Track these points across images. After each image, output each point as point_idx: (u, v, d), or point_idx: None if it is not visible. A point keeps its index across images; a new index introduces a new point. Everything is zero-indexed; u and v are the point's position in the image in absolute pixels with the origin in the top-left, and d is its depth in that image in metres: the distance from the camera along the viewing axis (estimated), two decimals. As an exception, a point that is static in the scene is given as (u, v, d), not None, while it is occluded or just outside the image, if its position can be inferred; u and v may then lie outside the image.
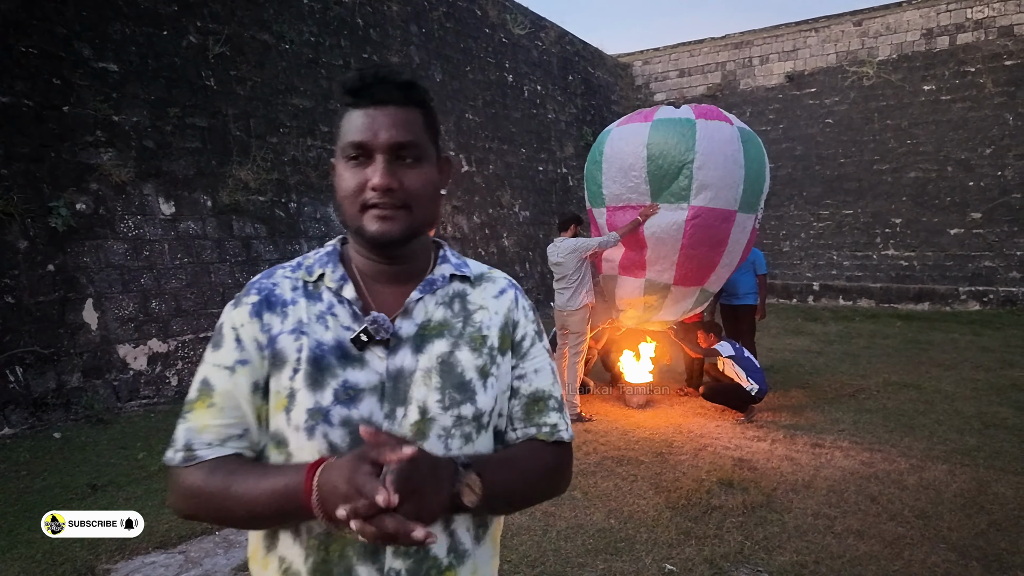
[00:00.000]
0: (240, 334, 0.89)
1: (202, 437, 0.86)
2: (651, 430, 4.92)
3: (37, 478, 3.85)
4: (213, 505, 0.84)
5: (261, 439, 0.90)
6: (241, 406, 0.88)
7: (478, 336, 0.93)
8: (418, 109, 0.91)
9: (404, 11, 9.74)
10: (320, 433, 0.84)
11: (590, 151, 5.49)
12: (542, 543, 3.11)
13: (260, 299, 0.91)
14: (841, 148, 13.45)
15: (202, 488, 0.84)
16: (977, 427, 4.85)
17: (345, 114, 0.90)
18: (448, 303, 0.95)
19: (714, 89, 15.17)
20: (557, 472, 0.98)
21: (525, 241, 11.44)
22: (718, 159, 4.73)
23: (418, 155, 0.89)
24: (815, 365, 7.21)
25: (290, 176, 7.41)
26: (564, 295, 5.17)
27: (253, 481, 0.82)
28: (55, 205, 5.15)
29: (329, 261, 0.95)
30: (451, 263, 0.99)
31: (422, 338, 0.91)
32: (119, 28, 5.98)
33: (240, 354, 0.89)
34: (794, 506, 3.51)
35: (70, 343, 5.10)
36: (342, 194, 0.89)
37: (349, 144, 0.87)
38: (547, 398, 0.98)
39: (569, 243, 5.14)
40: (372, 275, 0.95)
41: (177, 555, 3.00)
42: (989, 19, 12.30)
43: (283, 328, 0.89)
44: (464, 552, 0.89)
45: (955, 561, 2.92)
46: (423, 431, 0.87)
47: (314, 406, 0.85)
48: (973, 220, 11.71)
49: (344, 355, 0.87)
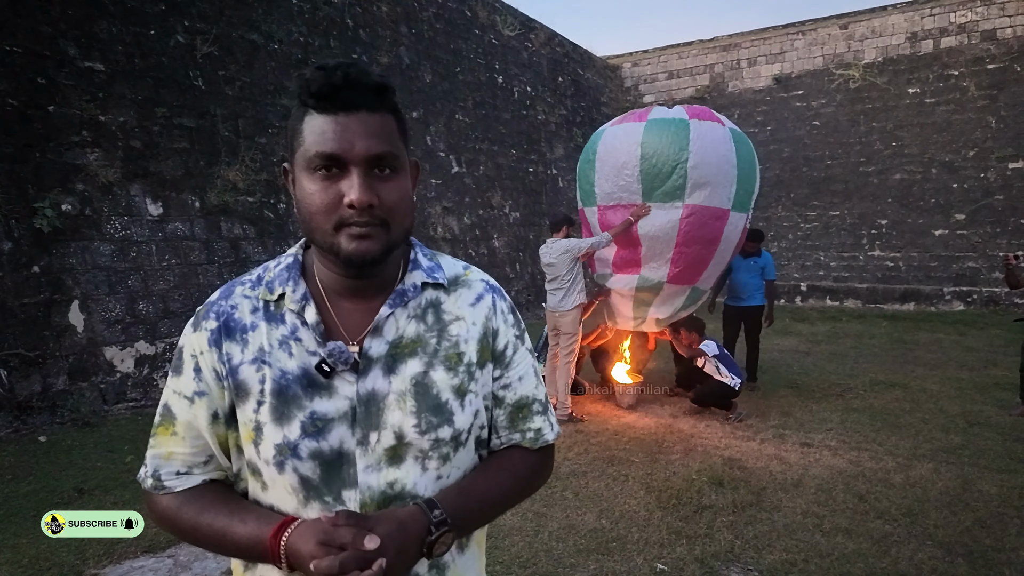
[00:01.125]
0: (199, 363, 0.86)
1: (168, 466, 0.87)
2: (642, 430, 4.95)
3: (22, 482, 3.79)
4: (186, 534, 0.86)
5: (233, 463, 0.89)
6: (203, 435, 0.86)
7: (454, 354, 0.88)
8: (390, 114, 0.83)
9: (394, 12, 9.72)
10: (290, 468, 0.81)
11: (583, 150, 5.50)
12: (534, 544, 3.11)
13: (219, 325, 0.86)
14: (828, 150, 13.58)
15: (175, 517, 0.86)
16: (962, 426, 4.92)
17: (306, 116, 0.80)
18: (421, 316, 0.88)
19: (703, 91, 15.26)
20: (539, 473, 0.99)
21: (515, 242, 11.45)
22: (712, 158, 4.79)
23: (395, 165, 0.82)
24: (803, 365, 7.27)
25: (279, 177, 7.36)
26: (556, 296, 5.17)
27: (223, 522, 0.83)
28: (40, 206, 5.09)
29: (290, 278, 0.87)
30: (422, 268, 0.91)
31: (394, 358, 0.85)
32: (105, 27, 5.92)
33: (198, 385, 0.85)
34: (783, 505, 3.54)
35: (56, 345, 5.04)
36: (311, 210, 0.80)
37: (318, 155, 0.78)
38: (531, 403, 0.96)
39: (562, 244, 5.14)
40: (337, 290, 0.88)
41: (166, 559, 2.98)
42: (972, 23, 12.48)
43: (243, 358, 0.84)
44: (445, 566, 0.88)
45: (941, 558, 2.96)
46: (400, 455, 0.84)
47: (282, 441, 0.81)
48: (957, 221, 11.87)
49: (310, 383, 0.82)
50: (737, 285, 6.18)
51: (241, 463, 0.88)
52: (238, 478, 0.89)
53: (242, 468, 0.88)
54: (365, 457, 0.82)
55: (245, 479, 0.88)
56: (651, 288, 5.20)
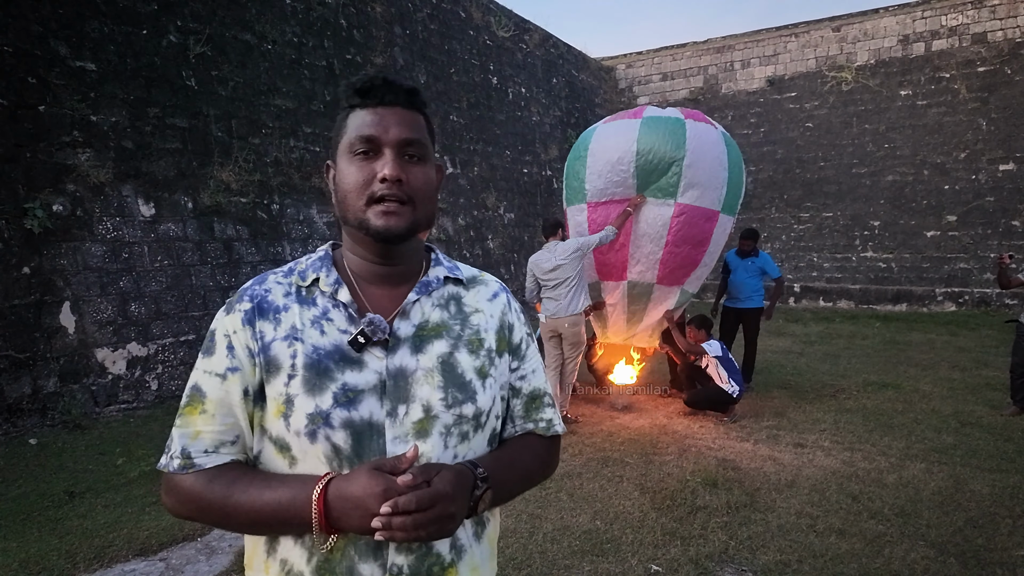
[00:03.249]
0: (232, 341, 0.91)
1: (197, 444, 0.88)
2: (636, 431, 4.95)
3: (12, 485, 3.76)
4: (213, 512, 0.86)
5: (254, 445, 0.92)
6: (233, 412, 0.89)
7: (476, 339, 0.96)
8: (421, 115, 0.95)
9: (388, 12, 9.70)
10: (322, 436, 0.85)
11: (573, 148, 5.46)
12: (528, 545, 3.11)
13: (252, 306, 0.92)
14: (821, 152, 13.65)
15: (202, 495, 0.86)
16: (954, 426, 4.94)
17: (350, 114, 0.93)
18: (444, 305, 0.97)
19: (696, 93, 15.32)
20: (550, 463, 1.07)
21: (510, 243, 11.45)
22: (706, 159, 4.83)
23: (423, 154, 0.93)
24: (796, 366, 7.30)
25: (272, 177, 7.34)
26: (561, 301, 4.88)
27: (256, 491, 0.85)
28: (31, 206, 5.05)
29: (323, 266, 0.96)
30: (444, 266, 1.01)
31: (420, 339, 0.93)
32: (96, 26, 5.88)
33: (231, 361, 0.90)
34: (777, 505, 3.55)
35: (46, 347, 5.00)
36: (346, 188, 0.91)
37: (358, 138, 0.90)
38: (543, 395, 1.05)
39: (569, 244, 4.91)
40: (367, 277, 0.96)
41: (158, 562, 2.95)
42: (963, 26, 12.58)
43: (276, 335, 0.90)
44: (463, 548, 0.92)
45: (934, 558, 2.97)
46: (426, 429, 0.88)
47: (314, 410, 0.85)
48: (948, 223, 11.95)
49: (342, 358, 0.89)
50: (735, 286, 6.16)
51: (262, 445, 0.90)
52: (258, 462, 0.92)
53: (262, 451, 0.90)
54: (394, 428, 0.87)
55: (265, 464, 0.91)
56: (641, 292, 5.20)
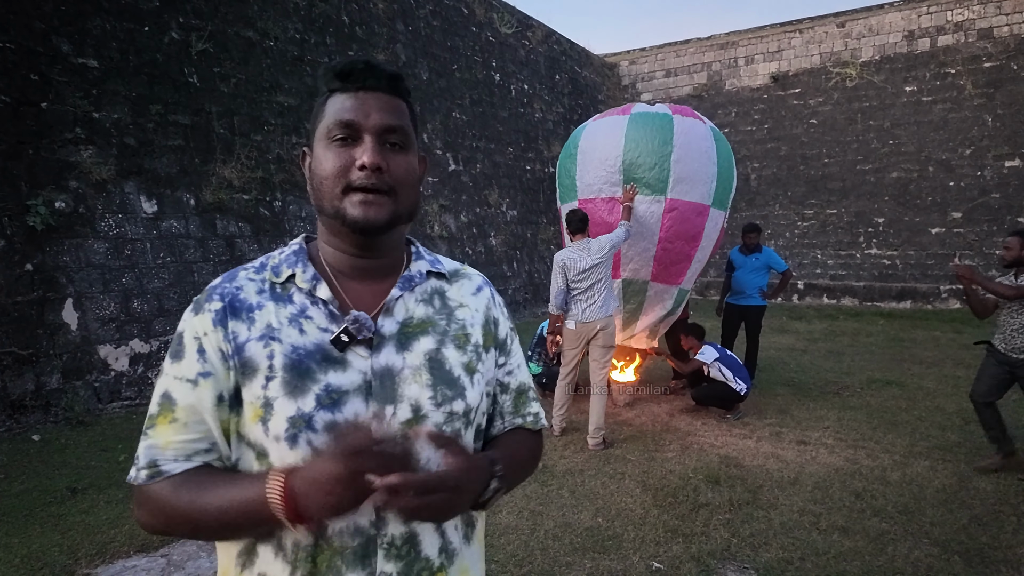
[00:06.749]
0: (203, 344, 0.84)
1: (166, 454, 0.82)
2: (638, 428, 4.94)
3: (15, 481, 3.77)
4: (183, 519, 0.80)
5: (232, 452, 0.86)
6: (205, 420, 0.83)
7: (462, 334, 0.93)
8: (403, 101, 0.90)
9: (390, 9, 9.68)
10: (304, 440, 0.80)
11: (564, 146, 5.50)
12: (530, 542, 3.10)
13: (223, 305, 0.85)
14: (825, 148, 13.59)
15: (169, 502, 0.80)
16: (958, 423, 4.92)
17: (329, 98, 0.88)
18: (428, 300, 0.94)
19: (700, 89, 15.25)
20: (538, 456, 1.06)
21: (512, 240, 11.43)
22: (694, 153, 4.85)
23: (405, 142, 0.88)
24: (800, 363, 7.27)
25: (275, 174, 7.34)
26: (595, 302, 4.47)
27: (223, 490, 0.78)
28: (33, 203, 5.05)
29: (298, 260, 0.90)
30: (425, 259, 0.98)
31: (406, 336, 0.88)
32: (99, 23, 5.87)
33: (203, 366, 0.83)
34: (780, 503, 3.53)
35: (49, 344, 5.01)
36: (322, 175, 0.85)
37: (336, 123, 0.85)
38: (528, 390, 1.04)
39: (604, 240, 4.54)
40: (345, 271, 0.91)
41: (159, 559, 2.95)
42: (969, 21, 12.49)
43: (250, 335, 0.83)
44: (454, 552, 0.88)
45: (938, 556, 2.95)
46: None
47: (296, 413, 0.80)
48: (953, 220, 11.89)
49: (324, 358, 0.83)
50: (738, 282, 6.13)
51: (240, 452, 0.84)
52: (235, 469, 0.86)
53: (241, 458, 0.85)
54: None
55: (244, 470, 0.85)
56: (636, 290, 5.18)
